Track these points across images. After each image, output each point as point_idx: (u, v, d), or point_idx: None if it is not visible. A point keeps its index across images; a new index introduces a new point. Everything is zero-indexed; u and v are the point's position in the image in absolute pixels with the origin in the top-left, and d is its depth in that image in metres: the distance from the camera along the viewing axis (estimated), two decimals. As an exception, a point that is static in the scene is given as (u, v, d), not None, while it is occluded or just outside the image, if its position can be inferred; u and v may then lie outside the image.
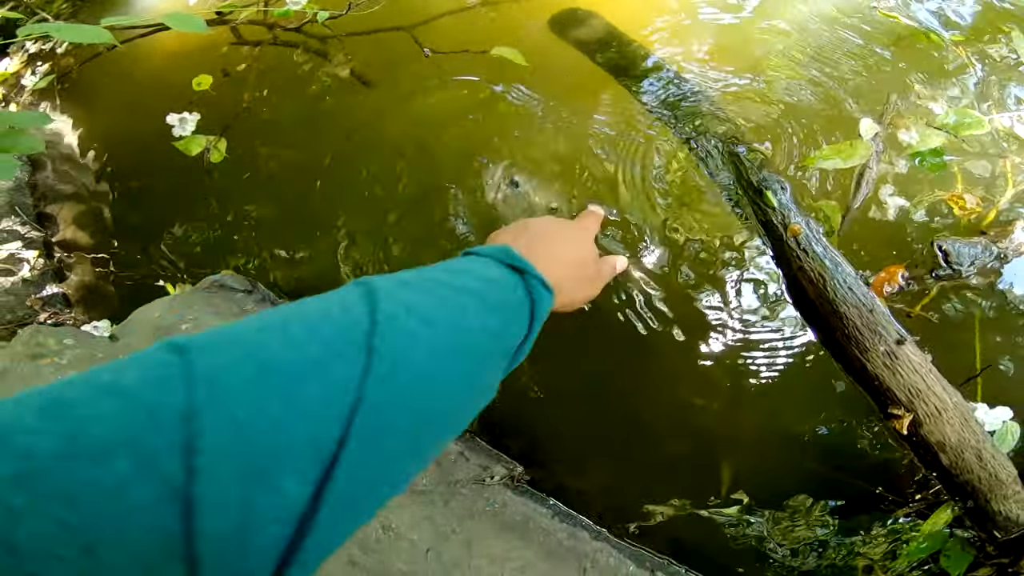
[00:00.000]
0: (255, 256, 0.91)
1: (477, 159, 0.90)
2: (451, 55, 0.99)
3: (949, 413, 0.54)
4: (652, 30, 0.97)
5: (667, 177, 0.80)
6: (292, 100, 1.03)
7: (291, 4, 1.10)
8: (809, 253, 0.64)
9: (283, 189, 0.97)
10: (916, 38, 0.88)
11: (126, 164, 1.03)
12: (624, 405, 0.74)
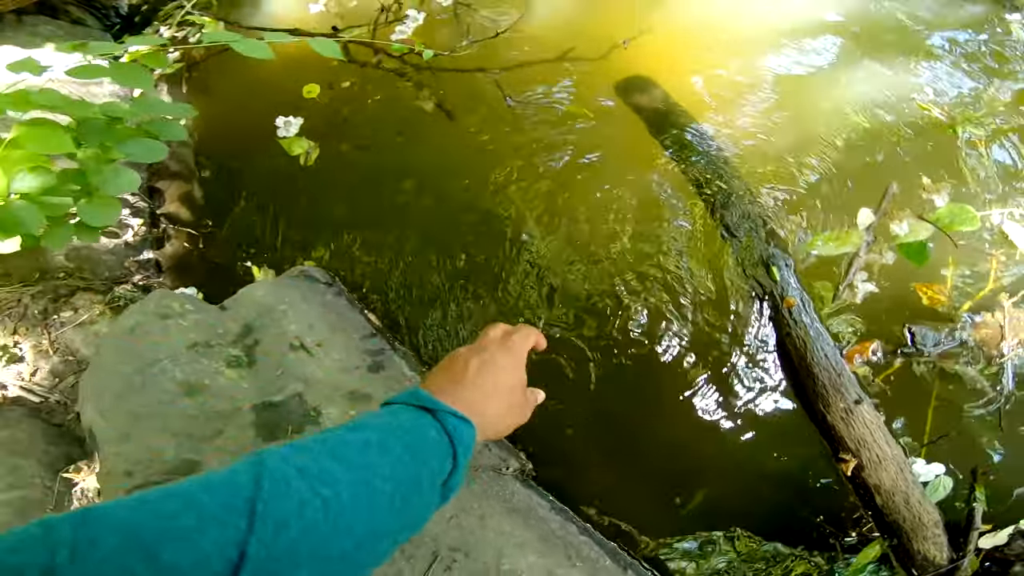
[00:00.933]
0: (334, 251, 1.10)
1: (534, 193, 1.08)
2: (526, 104, 1.17)
3: (887, 463, 0.70)
4: (706, 100, 1.14)
5: (690, 239, 0.97)
6: (384, 120, 1.22)
7: (399, 33, 1.29)
8: (798, 323, 0.80)
9: (364, 196, 1.16)
10: (942, 130, 1.02)
11: (231, 153, 1.22)
12: (625, 432, 0.91)
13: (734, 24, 1.24)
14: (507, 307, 0.98)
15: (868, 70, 1.12)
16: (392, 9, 1.40)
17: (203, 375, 0.78)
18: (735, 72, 1.17)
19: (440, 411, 0.38)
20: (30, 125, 0.81)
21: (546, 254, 1.01)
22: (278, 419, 0.77)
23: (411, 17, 1.31)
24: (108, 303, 1.14)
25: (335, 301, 0.99)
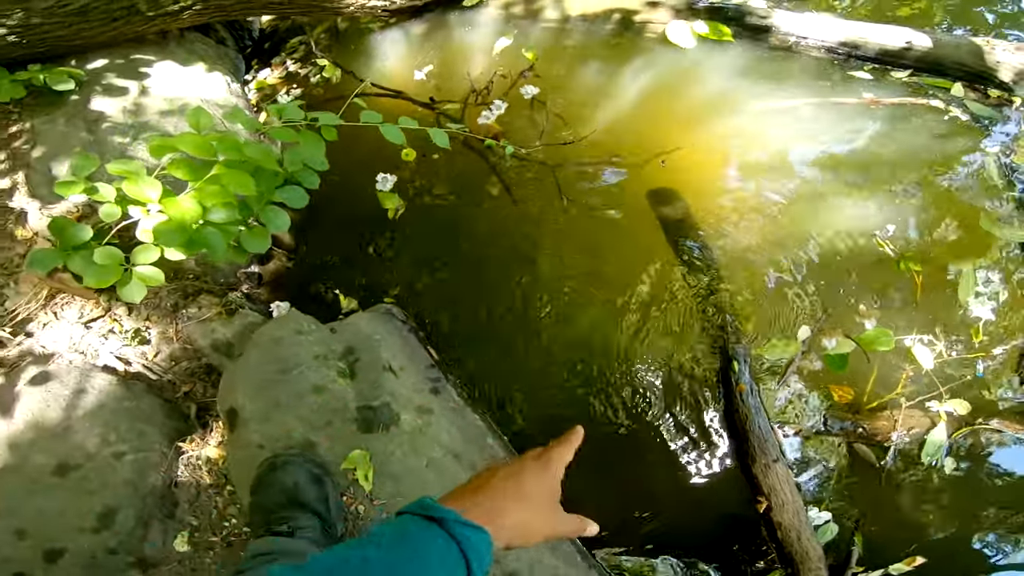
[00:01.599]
0: (406, 292, 1.46)
1: (564, 271, 1.45)
2: (575, 201, 1.55)
3: (788, 506, 1.04)
4: (717, 215, 1.50)
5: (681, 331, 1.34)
6: (462, 191, 1.60)
7: (484, 117, 1.67)
8: (745, 403, 1.17)
9: (435, 252, 1.52)
10: (891, 264, 1.39)
11: (334, 194, 1.44)
12: (609, 463, 1.24)
13: (750, 148, 1.62)
14: (534, 346, 1.35)
15: (855, 202, 1.49)
16: (482, 93, 1.80)
17: (325, 380, 1.12)
18: (744, 191, 1.54)
19: (447, 520, 0.39)
20: (228, 167, 1.14)
21: (564, 319, 1.38)
22: (372, 418, 1.11)
23: (496, 106, 1.72)
24: (223, 305, 1.47)
25: (408, 337, 1.34)
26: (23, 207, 1.48)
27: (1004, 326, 1.29)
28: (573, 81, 1.82)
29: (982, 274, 1.33)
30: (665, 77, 1.78)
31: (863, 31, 1.77)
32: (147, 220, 1.13)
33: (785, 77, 1.75)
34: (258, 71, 2.13)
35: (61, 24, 1.75)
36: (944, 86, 1.70)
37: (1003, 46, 1.68)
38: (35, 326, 1.37)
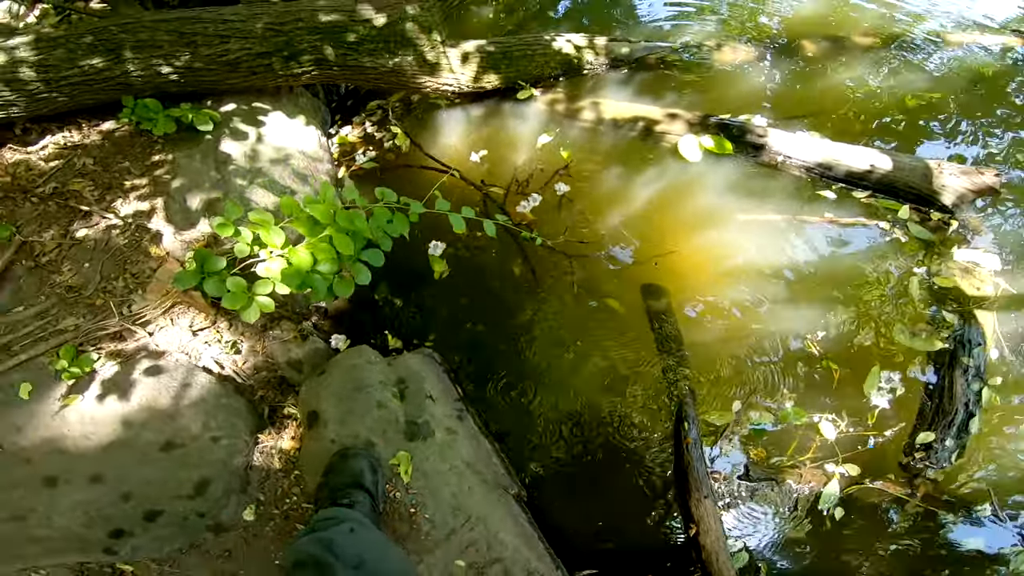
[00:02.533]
0: (442, 339, 1.92)
1: (563, 339, 1.90)
2: (583, 284, 2.01)
3: (711, 533, 1.45)
4: (695, 313, 1.96)
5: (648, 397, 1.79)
6: (496, 265, 2.07)
7: (522, 206, 2.16)
8: (690, 452, 1.59)
9: (465, 312, 1.98)
10: (816, 361, 1.83)
11: (394, 251, 1.74)
12: (585, 492, 1.67)
13: (730, 256, 2.07)
14: (536, 397, 1.79)
15: (799, 308, 1.94)
16: (523, 184, 2.30)
17: (384, 399, 1.57)
18: (716, 292, 1.99)
19: None
20: (337, 231, 1.61)
21: (563, 379, 1.83)
22: (415, 431, 1.55)
23: (533, 198, 2.21)
24: (298, 331, 1.93)
25: (443, 375, 1.80)
26: (159, 229, 1.97)
27: (896, 413, 1.74)
28: (598, 182, 2.31)
29: (886, 374, 1.76)
30: (671, 187, 2.27)
31: (837, 152, 2.22)
32: (271, 262, 1.59)
33: (767, 194, 2.23)
34: (341, 126, 2.67)
35: (214, 71, 2.28)
36: (894, 207, 2.15)
37: (950, 169, 2.10)
38: (153, 327, 1.83)
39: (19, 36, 2.11)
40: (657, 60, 2.80)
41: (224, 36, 2.22)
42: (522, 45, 2.74)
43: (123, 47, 2.14)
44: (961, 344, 1.79)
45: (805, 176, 2.27)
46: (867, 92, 2.68)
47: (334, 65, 2.37)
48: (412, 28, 2.42)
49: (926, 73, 2.82)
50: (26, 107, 2.14)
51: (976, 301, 1.87)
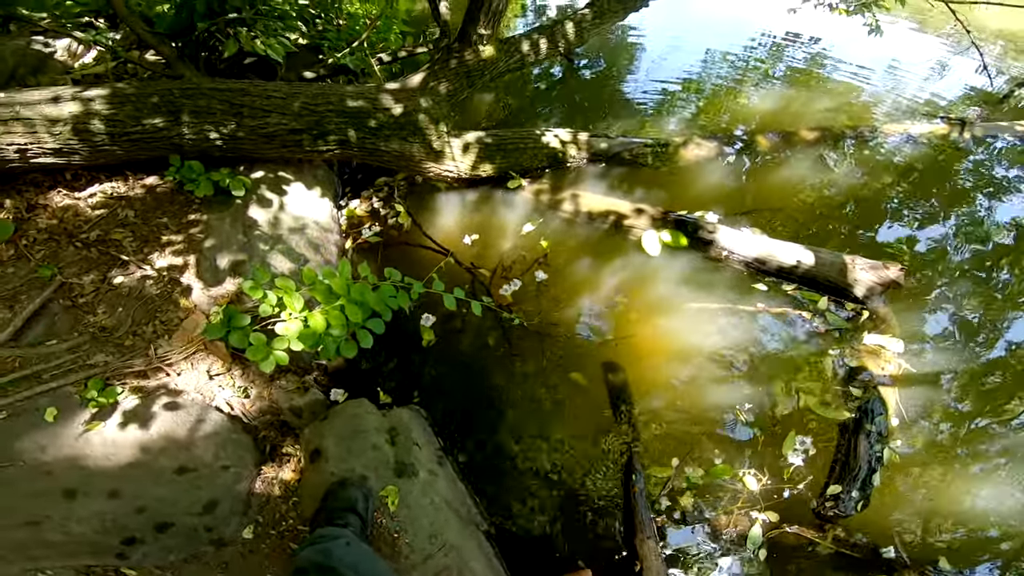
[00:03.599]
0: (427, 397, 2.25)
1: (534, 405, 2.26)
2: (553, 362, 2.40)
3: (653, 569, 1.75)
4: (645, 384, 2.35)
5: (603, 453, 2.13)
6: (477, 339, 2.45)
7: (504, 289, 2.58)
8: (636, 500, 1.92)
9: (452, 375, 2.35)
10: (743, 427, 2.21)
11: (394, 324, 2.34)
12: (554, 535, 1.97)
13: (679, 339, 2.48)
14: (505, 450, 2.12)
15: (733, 384, 2.33)
16: (507, 268, 2.72)
17: (378, 442, 1.88)
18: (665, 369, 2.39)
19: None
20: (349, 302, 1.97)
21: (530, 438, 2.17)
22: (403, 469, 1.85)
23: (514, 283, 2.63)
24: (301, 383, 2.25)
25: (427, 428, 2.13)
26: (190, 283, 2.31)
27: (809, 469, 2.11)
28: (572, 271, 2.76)
29: (801, 438, 2.14)
30: (634, 278, 2.72)
31: (771, 248, 2.70)
32: (290, 322, 1.94)
33: (712, 285, 2.69)
34: (350, 199, 3.12)
35: (253, 141, 2.70)
36: (815, 298, 2.62)
37: (861, 264, 2.56)
38: (175, 369, 2.14)
39: (96, 88, 2.47)
40: (631, 155, 3.36)
41: (266, 110, 2.66)
42: (515, 138, 3.27)
43: (182, 111, 2.55)
44: (865, 413, 2.18)
45: (744, 270, 2.76)
46: (807, 186, 3.28)
47: (355, 146, 2.84)
48: (424, 119, 2.94)
49: (861, 166, 3.47)
50: (88, 156, 2.49)
51: (880, 378, 2.29)
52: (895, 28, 3.83)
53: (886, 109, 4.45)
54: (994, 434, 2.24)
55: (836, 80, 4.96)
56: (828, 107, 4.24)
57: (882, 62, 5.50)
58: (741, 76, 4.90)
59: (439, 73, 3.09)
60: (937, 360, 2.46)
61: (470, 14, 3.09)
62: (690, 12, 6.26)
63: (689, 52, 5.41)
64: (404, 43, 3.97)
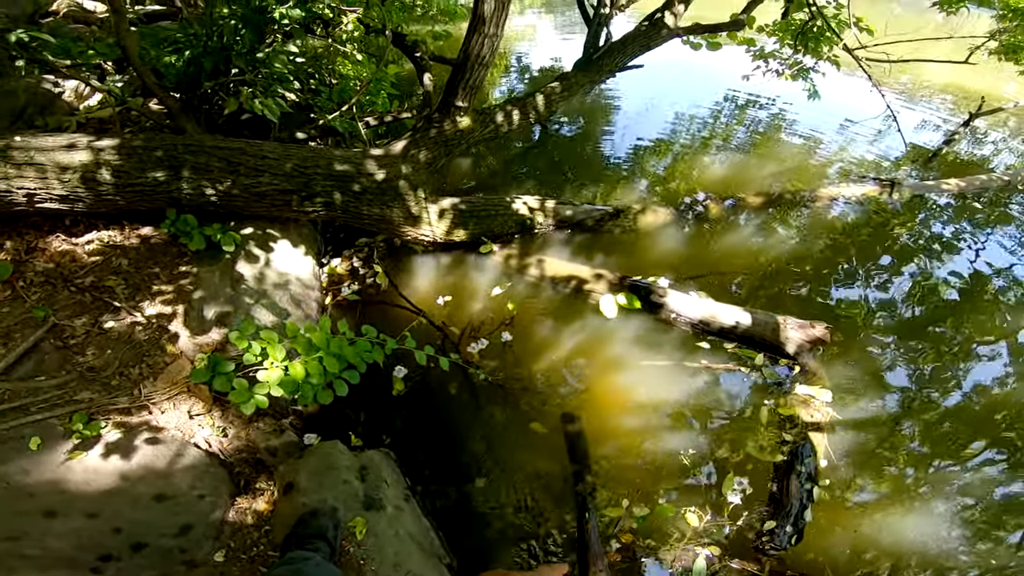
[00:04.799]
0: (396, 441, 2.48)
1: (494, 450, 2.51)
2: (515, 415, 2.67)
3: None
4: (603, 435, 2.63)
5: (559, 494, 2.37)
6: (446, 390, 2.71)
7: (472, 347, 2.88)
8: (590, 535, 2.14)
9: (421, 422, 2.58)
10: (687, 470, 2.48)
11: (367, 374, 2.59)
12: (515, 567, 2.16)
13: (630, 394, 2.77)
14: (466, 492, 2.33)
15: (678, 432, 2.62)
16: (476, 329, 3.03)
17: (349, 478, 2.08)
18: (616, 420, 2.67)
19: None
20: (328, 354, 2.24)
21: (492, 480, 2.40)
22: (372, 503, 2.04)
23: (481, 342, 2.93)
24: (278, 425, 2.45)
25: (396, 468, 2.34)
26: (177, 331, 2.54)
27: (747, 508, 2.35)
28: (535, 331, 3.08)
29: (739, 479, 2.41)
30: (591, 338, 3.05)
31: (714, 310, 3.07)
32: (271, 371, 2.18)
33: (662, 344, 3.04)
34: (332, 257, 3.42)
35: (245, 199, 2.99)
36: (752, 355, 2.98)
37: (792, 324, 2.95)
38: (157, 409, 2.32)
39: (107, 139, 2.75)
40: (594, 222, 3.80)
41: (260, 170, 2.99)
42: (488, 205, 3.68)
43: (184, 166, 2.85)
44: (796, 456, 2.47)
45: (690, 330, 3.12)
46: (751, 250, 3.75)
47: (339, 208, 3.19)
48: (404, 185, 3.33)
49: (800, 229, 3.98)
50: (91, 204, 2.75)
51: (810, 425, 2.61)
52: (851, 82, 4.44)
53: (834, 170, 5.18)
54: (914, 472, 2.56)
55: (790, 142, 5.79)
56: (778, 170, 4.91)
57: (835, 120, 6.47)
58: (704, 138, 5.67)
59: (420, 141, 3.52)
60: (863, 407, 2.81)
61: (449, 87, 3.55)
62: (663, 74, 7.14)
63: (659, 114, 6.27)
64: (391, 107, 4.39)
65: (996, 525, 2.40)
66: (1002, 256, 4.17)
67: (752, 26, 4.76)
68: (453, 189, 4.32)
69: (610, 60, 4.51)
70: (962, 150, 6.25)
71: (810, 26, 4.33)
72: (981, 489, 2.53)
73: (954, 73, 7.69)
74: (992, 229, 4.50)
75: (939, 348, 3.22)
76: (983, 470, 2.61)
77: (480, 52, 3.28)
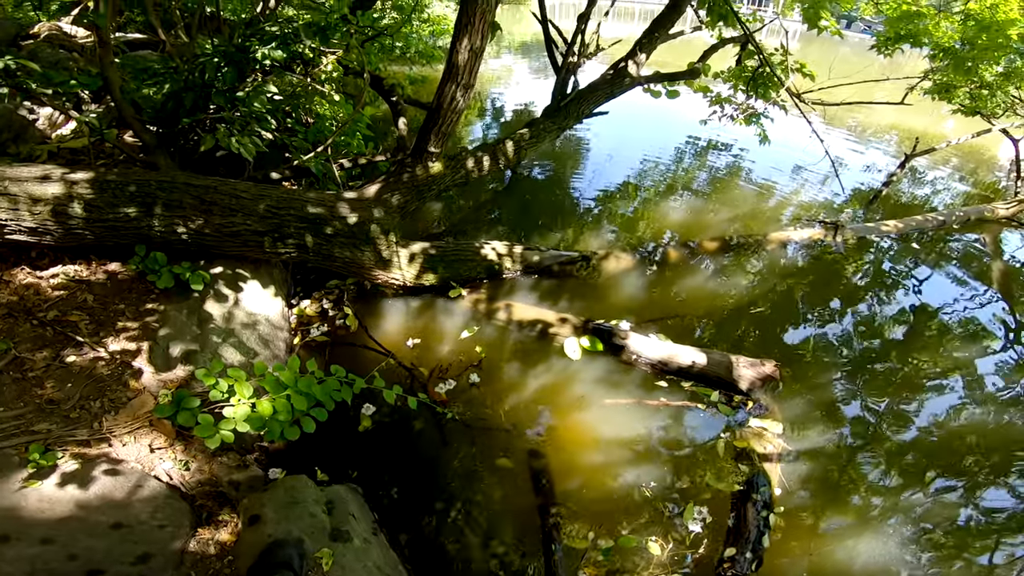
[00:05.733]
0: (363, 475, 2.55)
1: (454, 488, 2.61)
2: (484, 449, 2.80)
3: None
4: (566, 473, 2.77)
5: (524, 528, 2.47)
6: (412, 428, 2.82)
7: (442, 386, 3.01)
8: (556, 565, 2.23)
9: (387, 457, 2.66)
10: (649, 501, 2.61)
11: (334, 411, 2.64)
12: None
13: (594, 430, 2.92)
14: (433, 525, 2.41)
15: (639, 464, 2.76)
16: (444, 369, 3.16)
17: (316, 512, 2.14)
18: (581, 454, 2.80)
19: None
20: (296, 392, 2.34)
21: (457, 516, 2.48)
22: (338, 536, 2.09)
23: (449, 382, 3.05)
24: (242, 460, 2.49)
25: (363, 503, 2.40)
26: (141, 367, 2.59)
27: (708, 535, 2.48)
28: (502, 373, 3.23)
29: (698, 508, 2.55)
30: (556, 379, 3.23)
31: (672, 351, 3.29)
32: (238, 407, 2.26)
33: (623, 384, 3.24)
34: (302, 299, 3.53)
35: (216, 238, 3.07)
36: (708, 392, 3.18)
37: (744, 362, 3.19)
38: (117, 441, 2.35)
39: (82, 172, 2.80)
40: (560, 267, 4.05)
41: (234, 210, 3.08)
42: (457, 250, 3.88)
43: (157, 203, 2.92)
44: (752, 485, 2.64)
45: (649, 370, 3.33)
46: (707, 293, 4.05)
47: (311, 251, 3.33)
48: (376, 229, 3.52)
49: (751, 272, 4.32)
50: (59, 238, 2.80)
51: (764, 456, 2.81)
52: (805, 126, 4.90)
53: (787, 214, 5.67)
54: (862, 499, 2.76)
55: (747, 186, 6.30)
56: (734, 215, 5.35)
57: (788, 164, 7.11)
58: (667, 184, 6.15)
59: (392, 185, 3.74)
60: (814, 438, 3.04)
61: (423, 132, 3.82)
62: (631, 120, 7.77)
63: (625, 159, 6.78)
64: (366, 150, 4.59)
65: (941, 545, 2.60)
66: (941, 293, 4.66)
67: (708, 73, 5.32)
68: (424, 233, 4.53)
69: (577, 107, 4.91)
70: (904, 191, 6.96)
71: (760, 72, 4.75)
72: (926, 510, 2.75)
73: (899, 114, 8.51)
74: (932, 268, 5.02)
75: (884, 381, 3.53)
76: (928, 493, 2.84)
77: (453, 100, 3.57)
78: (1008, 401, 3.51)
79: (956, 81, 5.91)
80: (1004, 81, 5.79)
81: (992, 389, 3.60)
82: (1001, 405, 3.46)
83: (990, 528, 2.71)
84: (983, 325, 4.25)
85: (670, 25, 5.00)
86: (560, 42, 5.07)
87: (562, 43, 5.03)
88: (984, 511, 2.79)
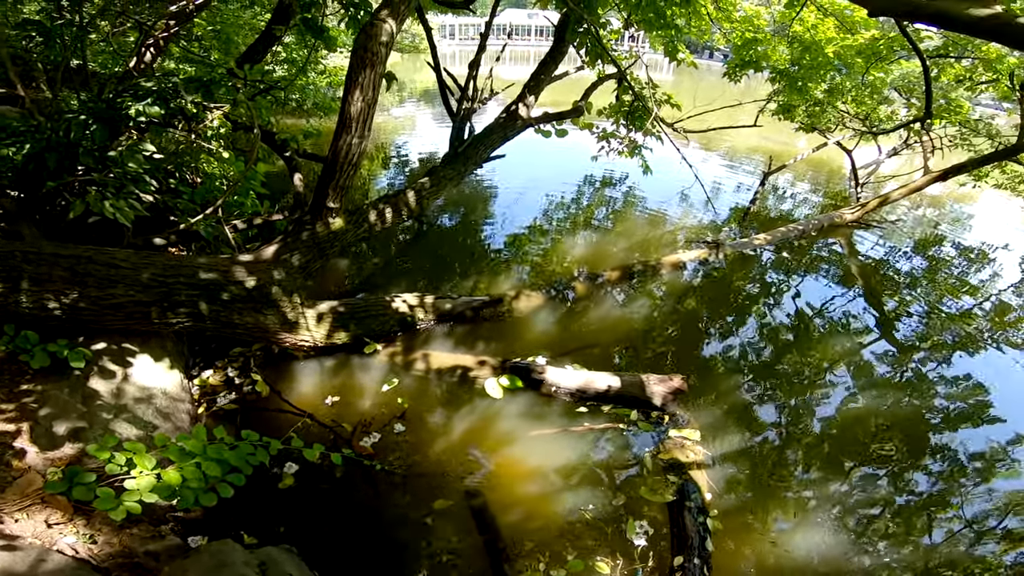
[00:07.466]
0: (293, 533, 2.55)
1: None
2: (417, 496, 2.91)
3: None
4: (508, 506, 2.95)
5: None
6: (341, 484, 2.87)
7: (367, 440, 3.09)
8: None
9: (316, 515, 2.69)
10: (589, 524, 2.84)
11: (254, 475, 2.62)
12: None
13: (523, 461, 3.12)
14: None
15: (571, 489, 3.01)
16: (367, 423, 3.25)
17: (247, 574, 2.13)
18: (518, 486, 2.98)
19: None
20: (207, 460, 2.35)
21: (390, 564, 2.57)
22: (278, 592, 2.10)
23: (374, 435, 3.14)
24: (157, 531, 2.40)
25: (300, 562, 2.40)
26: (23, 447, 2.45)
27: (653, 547, 2.74)
28: (427, 420, 3.38)
29: (639, 522, 2.81)
30: (481, 419, 3.43)
31: (588, 379, 3.62)
32: (140, 479, 2.24)
33: (546, 415, 3.50)
34: (203, 369, 3.46)
35: (96, 311, 2.95)
36: (627, 412, 3.53)
37: (653, 380, 3.59)
38: (8, 518, 2.20)
39: None
40: (473, 312, 4.32)
41: (113, 280, 3.00)
42: (367, 306, 4.01)
43: (23, 277, 2.80)
44: (683, 493, 2.95)
45: (569, 399, 3.65)
46: (615, 320, 4.52)
47: (208, 319, 3.32)
48: (278, 291, 3.58)
49: (652, 296, 4.91)
50: None
51: (689, 464, 3.18)
52: (686, 154, 5.65)
53: (680, 237, 6.45)
54: (793, 492, 3.18)
55: (642, 215, 7.13)
56: (633, 243, 6.04)
57: (675, 191, 8.09)
58: (571, 220, 6.84)
59: (292, 245, 3.79)
60: (733, 442, 3.47)
61: (320, 188, 3.87)
62: (535, 159, 8.62)
63: (531, 200, 7.48)
64: (261, 209, 4.54)
65: (862, 530, 3.04)
66: (817, 294, 5.63)
67: (591, 111, 6.04)
68: (337, 290, 4.64)
69: (475, 152, 5.32)
70: (771, 205, 8.21)
71: (635, 105, 5.42)
72: (845, 496, 3.22)
73: (762, 135, 10.14)
74: (804, 273, 6.04)
75: (786, 381, 4.15)
76: (845, 479, 3.32)
77: (349, 152, 3.73)
78: (895, 385, 4.29)
79: (793, 100, 7.21)
80: (831, 97, 7.00)
81: (880, 374, 4.40)
82: (891, 388, 4.23)
83: (916, 507, 3.24)
84: (858, 317, 5.22)
85: (554, 67, 5.71)
86: (455, 89, 5.42)
87: (457, 90, 5.38)
88: (907, 490, 3.33)
